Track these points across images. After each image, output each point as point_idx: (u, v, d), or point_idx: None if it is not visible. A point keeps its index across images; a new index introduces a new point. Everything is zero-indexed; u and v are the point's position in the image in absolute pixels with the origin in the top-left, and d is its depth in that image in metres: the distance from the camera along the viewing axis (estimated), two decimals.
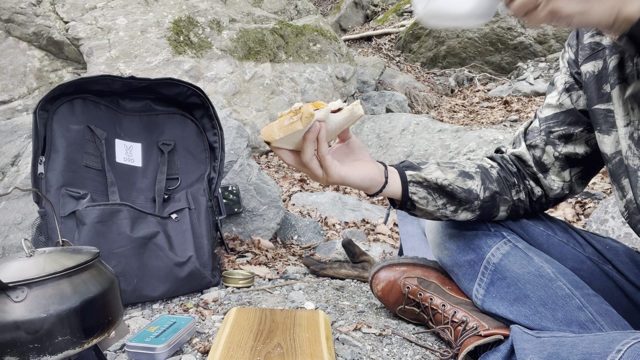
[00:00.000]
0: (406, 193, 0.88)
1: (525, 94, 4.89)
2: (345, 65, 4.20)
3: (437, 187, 0.89)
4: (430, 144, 3.26)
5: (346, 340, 0.94)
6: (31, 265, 0.59)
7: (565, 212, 2.17)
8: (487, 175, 0.93)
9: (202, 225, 1.24)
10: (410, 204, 0.90)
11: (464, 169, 0.92)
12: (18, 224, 1.39)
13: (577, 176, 0.94)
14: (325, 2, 9.36)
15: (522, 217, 0.98)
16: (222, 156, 1.36)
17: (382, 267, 1.09)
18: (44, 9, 3.25)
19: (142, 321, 1.04)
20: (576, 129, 0.90)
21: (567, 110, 0.90)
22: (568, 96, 0.90)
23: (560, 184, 0.94)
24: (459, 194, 0.89)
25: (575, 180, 0.94)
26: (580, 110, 0.89)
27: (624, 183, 0.79)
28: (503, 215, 0.95)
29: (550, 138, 0.92)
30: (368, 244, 1.88)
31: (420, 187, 0.89)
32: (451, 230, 0.99)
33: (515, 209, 0.95)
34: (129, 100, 1.32)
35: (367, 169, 0.84)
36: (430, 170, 0.90)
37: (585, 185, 0.97)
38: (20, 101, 3.21)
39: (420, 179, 0.89)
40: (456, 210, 0.91)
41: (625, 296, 0.90)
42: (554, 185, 0.94)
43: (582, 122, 0.89)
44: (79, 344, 0.58)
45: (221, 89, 3.26)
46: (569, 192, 0.96)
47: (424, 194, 0.89)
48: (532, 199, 0.96)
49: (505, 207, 0.94)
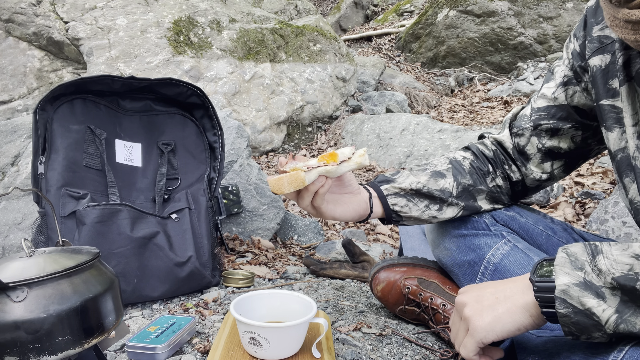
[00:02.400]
0: (387, 207, 0.92)
1: (525, 94, 4.89)
2: (345, 65, 4.20)
3: (414, 192, 0.93)
4: (430, 144, 3.26)
5: (346, 340, 0.93)
6: (31, 265, 0.59)
7: (565, 212, 2.17)
8: (459, 169, 0.95)
9: (202, 225, 1.24)
10: (396, 215, 0.93)
11: (435, 169, 0.95)
12: (18, 224, 1.39)
13: (559, 169, 0.95)
14: (325, 2, 9.36)
15: (508, 205, 1.00)
16: (222, 156, 1.36)
17: (382, 268, 1.09)
18: (44, 9, 3.25)
19: (142, 321, 1.04)
20: (565, 125, 0.90)
21: (560, 105, 0.90)
22: (564, 91, 0.90)
23: (539, 174, 0.96)
24: (435, 194, 0.93)
25: (557, 172, 0.96)
26: (573, 106, 0.89)
27: (626, 181, 0.79)
28: (484, 204, 0.96)
29: (537, 130, 0.92)
30: (368, 244, 1.88)
31: (397, 197, 0.92)
32: (451, 230, 0.99)
33: (495, 196, 0.97)
34: (129, 101, 1.32)
35: (356, 204, 0.89)
36: (403, 177, 0.94)
37: (566, 175, 0.98)
38: (20, 101, 3.21)
39: (396, 189, 0.93)
40: (440, 208, 0.94)
41: None
42: (532, 175, 0.96)
43: (573, 119, 0.90)
44: (79, 344, 0.58)
45: (221, 89, 3.26)
46: (547, 180, 0.97)
47: (404, 202, 0.93)
48: (512, 182, 0.98)
49: (482, 196, 0.96)
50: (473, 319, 0.67)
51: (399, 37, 6.77)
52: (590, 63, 0.83)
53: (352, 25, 8.01)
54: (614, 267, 0.57)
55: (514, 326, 0.64)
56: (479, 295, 0.69)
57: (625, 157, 0.77)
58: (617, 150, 0.79)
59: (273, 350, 0.77)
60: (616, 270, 0.56)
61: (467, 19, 5.74)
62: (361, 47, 6.92)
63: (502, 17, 5.61)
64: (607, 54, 0.79)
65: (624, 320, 0.56)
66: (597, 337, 0.59)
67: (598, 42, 0.81)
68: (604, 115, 0.81)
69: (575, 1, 5.40)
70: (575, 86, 0.88)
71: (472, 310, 0.68)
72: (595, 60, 0.81)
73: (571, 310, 0.58)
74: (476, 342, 0.66)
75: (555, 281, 0.59)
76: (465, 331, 0.69)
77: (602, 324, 0.57)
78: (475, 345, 0.67)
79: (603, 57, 0.80)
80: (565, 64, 0.90)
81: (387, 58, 6.39)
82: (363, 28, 7.75)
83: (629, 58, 0.76)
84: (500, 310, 0.65)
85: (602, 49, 0.80)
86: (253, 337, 0.77)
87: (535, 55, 5.66)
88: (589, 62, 0.83)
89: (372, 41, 7.06)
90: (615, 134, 0.79)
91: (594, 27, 0.82)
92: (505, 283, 0.69)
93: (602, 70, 0.80)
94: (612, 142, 0.80)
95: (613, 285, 0.56)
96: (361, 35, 7.19)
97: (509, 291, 0.66)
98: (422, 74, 6.07)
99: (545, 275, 0.62)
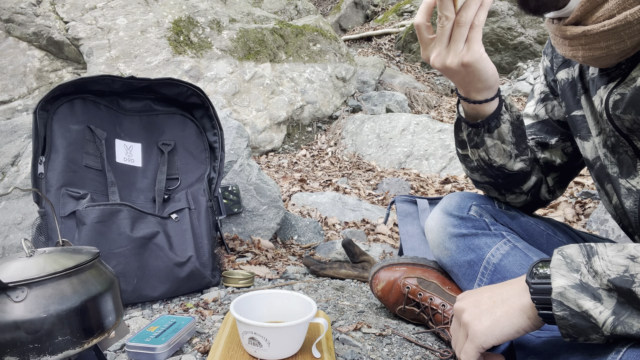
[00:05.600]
0: (500, 107, 0.82)
1: (525, 94, 4.89)
2: (345, 65, 4.20)
3: (518, 123, 0.85)
4: (430, 144, 3.26)
5: (346, 340, 0.94)
6: (31, 265, 0.59)
7: (565, 212, 2.17)
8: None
9: (202, 225, 1.24)
10: (496, 123, 0.82)
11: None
12: (18, 224, 1.39)
13: (554, 181, 0.97)
14: (325, 2, 9.36)
15: (532, 204, 0.99)
16: (222, 156, 1.36)
17: (382, 267, 1.09)
18: (44, 9, 3.25)
19: (142, 321, 1.04)
20: (552, 139, 0.92)
21: (543, 121, 0.93)
22: (543, 106, 0.92)
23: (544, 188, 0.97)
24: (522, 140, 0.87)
25: (555, 185, 0.97)
26: (555, 120, 0.91)
27: (607, 188, 0.80)
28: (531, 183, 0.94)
29: (530, 144, 0.94)
30: (368, 244, 1.88)
31: (507, 114, 0.84)
32: (451, 230, 0.99)
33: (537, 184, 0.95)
34: (129, 100, 1.32)
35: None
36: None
37: (563, 190, 0.99)
38: (20, 101, 3.21)
39: (514, 109, 0.85)
40: (518, 155, 0.88)
41: None
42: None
43: (558, 131, 0.91)
44: (79, 344, 0.58)
45: (221, 89, 3.26)
46: (548, 196, 0.98)
47: (508, 122, 0.84)
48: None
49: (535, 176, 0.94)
50: (472, 324, 0.67)
51: (399, 37, 6.77)
52: (558, 77, 0.86)
53: (352, 25, 8.01)
54: (610, 268, 0.57)
55: (513, 329, 0.64)
56: (477, 300, 0.69)
57: (602, 165, 0.78)
58: (594, 158, 0.81)
59: (273, 350, 0.77)
60: (612, 272, 0.56)
61: None
62: (361, 47, 6.92)
63: (502, 17, 5.61)
64: (571, 67, 0.82)
65: (620, 322, 0.56)
66: (594, 339, 0.58)
67: (562, 57, 0.83)
68: (577, 126, 0.83)
69: None
70: (552, 101, 0.91)
71: (471, 315, 0.68)
72: (562, 74, 0.84)
73: (568, 312, 0.58)
74: (476, 347, 0.66)
75: (552, 283, 0.59)
76: (465, 337, 0.69)
77: (599, 326, 0.57)
78: (476, 351, 0.66)
79: (569, 70, 0.83)
80: (541, 81, 0.93)
81: (387, 58, 6.39)
82: (363, 28, 7.75)
83: (581, 70, 0.78)
84: (498, 313, 0.65)
85: (567, 62, 0.83)
86: (253, 337, 0.77)
87: (535, 55, 5.66)
88: (557, 77, 0.86)
89: (372, 41, 7.06)
90: (591, 143, 0.80)
91: None
92: (502, 286, 0.69)
93: (569, 83, 0.83)
94: (589, 151, 0.81)
95: (609, 287, 0.56)
96: (361, 35, 7.19)
97: (505, 294, 0.67)
98: (422, 74, 6.06)
99: (542, 277, 0.62)
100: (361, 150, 3.54)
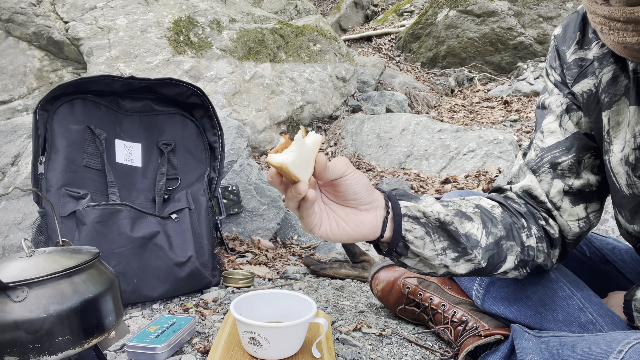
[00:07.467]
0: (399, 230, 0.67)
1: (525, 94, 4.89)
2: (345, 65, 4.19)
3: (438, 225, 0.69)
4: (430, 144, 3.26)
5: (346, 340, 0.93)
6: (31, 265, 0.59)
7: None
8: (488, 216, 0.74)
9: (202, 225, 1.24)
10: (403, 246, 0.68)
11: (459, 208, 0.73)
12: (18, 224, 1.39)
13: (593, 212, 0.80)
14: (325, 2, 9.36)
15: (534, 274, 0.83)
16: (222, 156, 1.36)
17: (382, 267, 1.09)
18: (44, 9, 3.25)
19: (142, 321, 1.04)
20: (584, 155, 0.78)
21: (573, 134, 0.78)
22: (569, 118, 0.79)
23: (575, 223, 0.79)
24: (461, 238, 0.70)
25: (592, 216, 0.80)
26: (584, 133, 0.78)
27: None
28: (510, 267, 0.75)
29: (557, 170, 0.78)
30: (368, 244, 1.88)
31: (416, 223, 0.68)
32: None
33: (525, 259, 0.77)
34: (129, 100, 1.32)
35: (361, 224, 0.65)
36: (429, 202, 0.70)
37: (599, 217, 0.82)
38: (20, 101, 3.21)
39: (418, 212, 0.68)
40: (457, 259, 0.71)
41: None
42: (570, 227, 0.80)
43: (589, 146, 0.78)
44: (79, 344, 0.58)
45: (221, 89, 3.26)
46: (587, 230, 0.81)
47: (422, 233, 0.68)
48: (550, 242, 0.80)
49: (513, 257, 0.75)
50: None
51: (399, 37, 6.77)
52: (576, 90, 0.77)
53: (352, 25, 8.01)
54: None
55: None
56: None
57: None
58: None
59: (273, 350, 0.77)
60: None
61: (467, 19, 5.74)
62: (361, 47, 6.92)
63: (502, 17, 5.60)
64: (591, 77, 0.74)
65: None
66: None
67: (576, 67, 0.76)
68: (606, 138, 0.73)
69: (575, 1, 5.40)
70: (577, 111, 0.78)
71: None
72: (582, 86, 0.76)
73: None
74: None
75: None
76: None
77: None
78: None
79: (589, 80, 0.75)
80: (557, 93, 0.81)
81: (387, 58, 6.39)
82: (363, 28, 7.75)
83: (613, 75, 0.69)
84: None
85: (583, 73, 0.75)
86: (253, 337, 0.77)
87: (535, 55, 5.66)
88: (574, 90, 0.78)
89: (372, 41, 7.06)
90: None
91: (567, 53, 0.78)
92: None
93: (594, 95, 0.75)
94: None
95: None
96: (361, 35, 7.19)
97: None
98: (422, 74, 6.06)
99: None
100: (361, 150, 3.54)
